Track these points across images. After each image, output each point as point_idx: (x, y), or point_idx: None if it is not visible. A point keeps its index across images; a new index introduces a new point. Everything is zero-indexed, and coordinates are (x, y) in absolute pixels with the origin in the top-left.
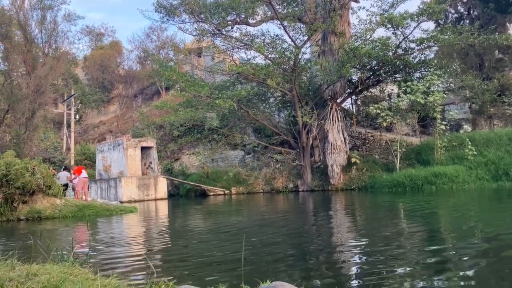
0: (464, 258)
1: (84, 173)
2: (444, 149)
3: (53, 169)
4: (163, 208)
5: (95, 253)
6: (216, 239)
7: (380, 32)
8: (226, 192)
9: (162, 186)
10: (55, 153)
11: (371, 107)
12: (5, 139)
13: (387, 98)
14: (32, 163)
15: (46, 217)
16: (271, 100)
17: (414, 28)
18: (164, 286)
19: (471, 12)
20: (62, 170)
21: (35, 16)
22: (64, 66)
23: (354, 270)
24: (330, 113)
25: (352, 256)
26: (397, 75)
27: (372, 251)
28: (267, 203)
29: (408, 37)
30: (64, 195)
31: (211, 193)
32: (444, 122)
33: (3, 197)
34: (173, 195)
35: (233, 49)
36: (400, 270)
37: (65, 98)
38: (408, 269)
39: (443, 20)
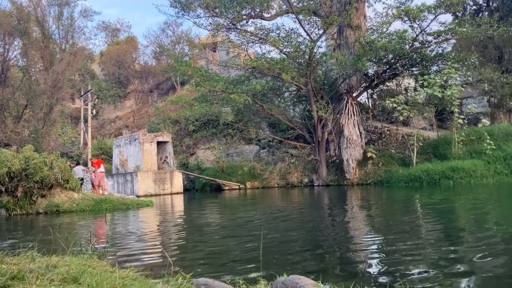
0: (481, 254)
1: (101, 168)
2: (461, 143)
3: (70, 163)
4: (179, 202)
5: (112, 246)
6: (232, 233)
7: (397, 25)
8: (241, 186)
9: (177, 181)
10: (72, 147)
11: (387, 101)
12: (24, 134)
13: (404, 92)
14: (50, 158)
15: (64, 211)
16: (286, 94)
17: (432, 20)
18: (181, 279)
19: (490, 3)
20: (75, 165)
21: (52, 12)
22: (81, 62)
23: (370, 265)
24: (346, 107)
25: (368, 251)
26: (413, 69)
27: (388, 246)
28: (282, 198)
29: (425, 30)
30: (81, 189)
31: (226, 188)
32: (462, 116)
33: (23, 191)
34: (188, 190)
35: (248, 43)
36: (416, 266)
37: (82, 93)
38: (424, 264)
39: (461, 12)
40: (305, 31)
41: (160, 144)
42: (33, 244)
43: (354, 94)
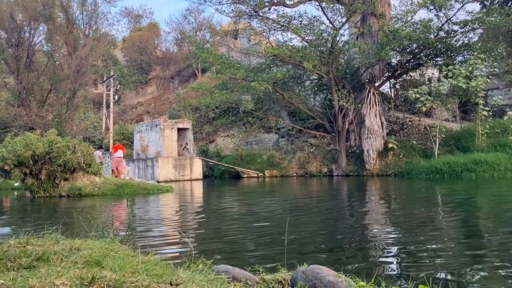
0: (504, 248)
1: (118, 153)
2: (485, 135)
3: (92, 147)
4: (198, 188)
5: (134, 230)
6: (251, 220)
7: (422, 14)
8: (259, 174)
9: (197, 167)
10: (94, 132)
11: (410, 91)
12: (48, 118)
13: (427, 82)
14: (73, 142)
15: (86, 194)
16: (307, 83)
17: (458, 9)
18: (202, 265)
19: None
20: (97, 149)
21: None
22: (104, 47)
23: (391, 257)
24: (368, 97)
25: (388, 243)
26: (438, 59)
27: (408, 238)
28: (301, 187)
29: (451, 19)
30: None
31: (245, 175)
32: (486, 108)
33: (46, 174)
34: (207, 176)
35: (269, 31)
36: (437, 258)
37: (105, 79)
38: (445, 257)
39: (489, 1)
40: (328, 18)
41: (180, 130)
42: (57, 226)
43: (376, 84)
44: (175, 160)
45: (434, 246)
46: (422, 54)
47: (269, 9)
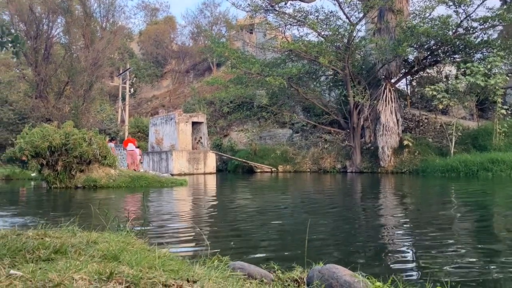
0: None
1: (129, 146)
2: (503, 134)
3: (108, 139)
4: (212, 182)
5: (149, 224)
6: (265, 216)
7: (440, 10)
8: (273, 169)
9: (211, 161)
10: (110, 125)
11: (427, 88)
12: (64, 110)
13: (444, 80)
14: (89, 134)
15: (101, 186)
16: (322, 78)
17: (478, 6)
18: (218, 261)
19: None
20: (109, 141)
21: None
22: (120, 41)
23: (407, 256)
24: (384, 93)
25: (404, 242)
26: (456, 56)
27: (425, 237)
28: (315, 183)
29: (471, 15)
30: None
31: (258, 170)
32: (505, 107)
33: (62, 165)
34: (221, 170)
35: (285, 25)
36: (455, 259)
37: (121, 72)
38: (462, 258)
39: None
40: (344, 14)
41: (195, 124)
42: (74, 219)
43: (392, 80)
44: (189, 154)
45: (451, 247)
46: (439, 50)
47: (285, 4)
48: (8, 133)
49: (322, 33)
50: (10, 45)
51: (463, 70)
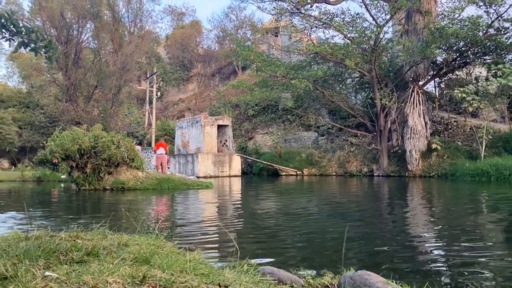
0: None
1: (159, 150)
2: None
3: (135, 143)
4: (237, 185)
5: (176, 226)
6: (292, 220)
7: (470, 11)
8: (298, 173)
9: (236, 164)
10: (138, 128)
11: (456, 91)
12: (93, 113)
13: (474, 82)
14: (117, 137)
15: (129, 188)
16: (348, 81)
17: (510, 5)
18: (247, 265)
19: None
20: (136, 145)
21: None
22: (148, 45)
23: (440, 263)
24: (411, 96)
25: (437, 249)
26: (486, 57)
27: (456, 243)
28: (341, 186)
29: (502, 15)
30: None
31: (283, 173)
32: None
33: (91, 168)
34: (246, 173)
35: (311, 28)
36: (485, 265)
37: (148, 75)
38: (494, 265)
39: None
40: (371, 15)
41: (220, 127)
42: (105, 221)
43: (420, 83)
44: (215, 156)
45: (486, 255)
46: (469, 52)
47: (311, 6)
48: (39, 136)
49: (348, 35)
50: (43, 50)
51: (494, 71)
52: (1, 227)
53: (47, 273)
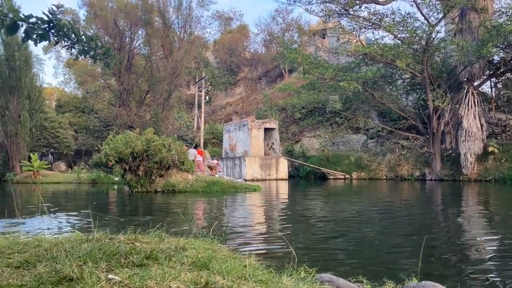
0: None
1: (198, 157)
2: None
3: (186, 146)
4: (284, 188)
5: (229, 233)
6: (345, 225)
7: None
8: (346, 176)
9: (283, 167)
10: (187, 131)
11: None
12: (145, 117)
13: None
14: (168, 140)
15: (179, 191)
16: (399, 82)
17: None
18: (304, 272)
19: None
20: (192, 147)
21: (172, 2)
22: (197, 50)
23: (503, 272)
24: (466, 97)
25: (498, 257)
26: None
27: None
28: (392, 191)
29: None
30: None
31: (331, 177)
32: None
33: (144, 170)
34: (293, 176)
35: (360, 29)
36: None
37: (197, 80)
38: None
39: None
40: (422, 15)
41: (267, 130)
42: (161, 224)
43: (475, 83)
44: (262, 160)
45: None
46: None
47: (359, 7)
48: (94, 139)
49: (399, 35)
50: (102, 57)
51: None
52: (64, 227)
53: (110, 275)
